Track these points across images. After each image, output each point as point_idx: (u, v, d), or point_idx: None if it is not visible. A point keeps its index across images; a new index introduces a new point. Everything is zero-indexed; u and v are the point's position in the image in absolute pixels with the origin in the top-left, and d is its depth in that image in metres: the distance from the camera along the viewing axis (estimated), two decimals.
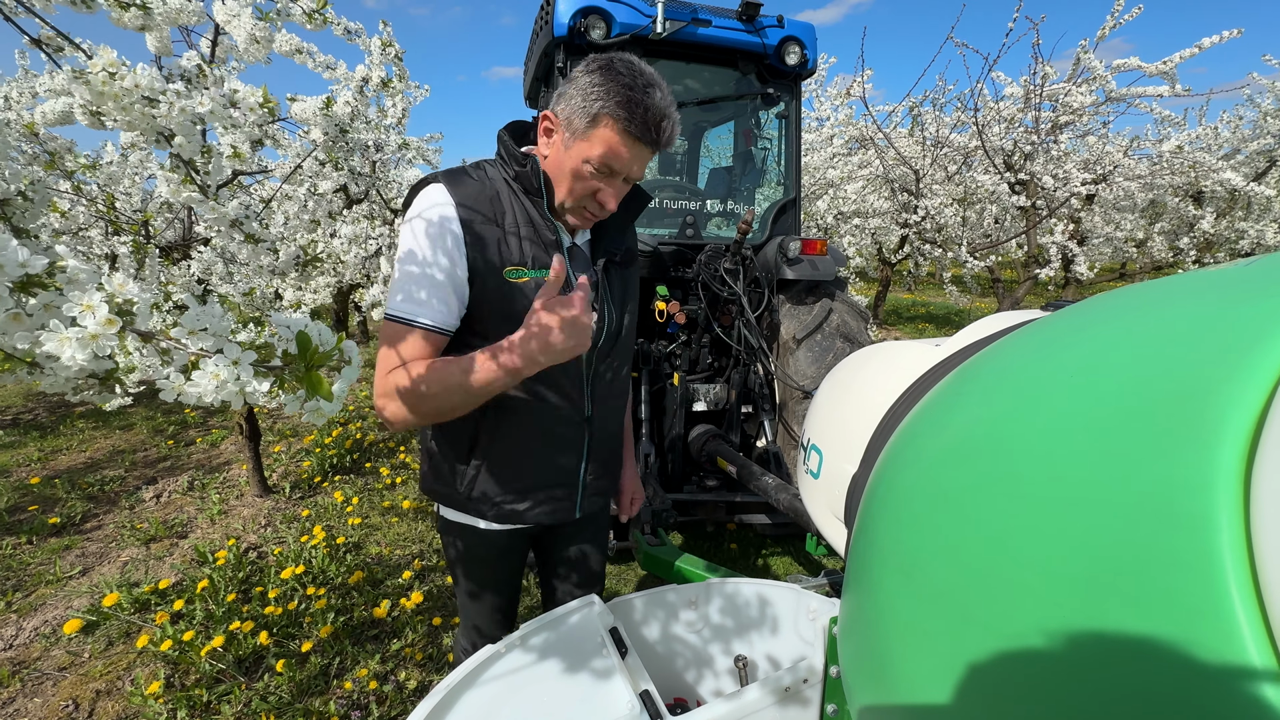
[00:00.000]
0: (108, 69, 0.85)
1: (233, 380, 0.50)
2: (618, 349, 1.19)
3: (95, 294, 0.49)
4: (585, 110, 0.96)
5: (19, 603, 2.41)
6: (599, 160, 0.98)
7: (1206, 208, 6.10)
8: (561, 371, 1.12)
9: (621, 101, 0.93)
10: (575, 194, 1.02)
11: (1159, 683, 0.41)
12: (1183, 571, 0.41)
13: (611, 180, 1.01)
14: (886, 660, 0.71)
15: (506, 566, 1.31)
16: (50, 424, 4.60)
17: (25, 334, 0.51)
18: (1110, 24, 4.75)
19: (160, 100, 0.89)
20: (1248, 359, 0.43)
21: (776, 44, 2.56)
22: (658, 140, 0.98)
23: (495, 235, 1.02)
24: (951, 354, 0.97)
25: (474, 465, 1.16)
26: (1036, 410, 0.58)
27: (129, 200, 2.89)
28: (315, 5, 1.26)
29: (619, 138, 0.96)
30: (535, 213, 1.07)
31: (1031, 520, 0.52)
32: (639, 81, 0.94)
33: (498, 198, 1.05)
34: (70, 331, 0.49)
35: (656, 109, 0.95)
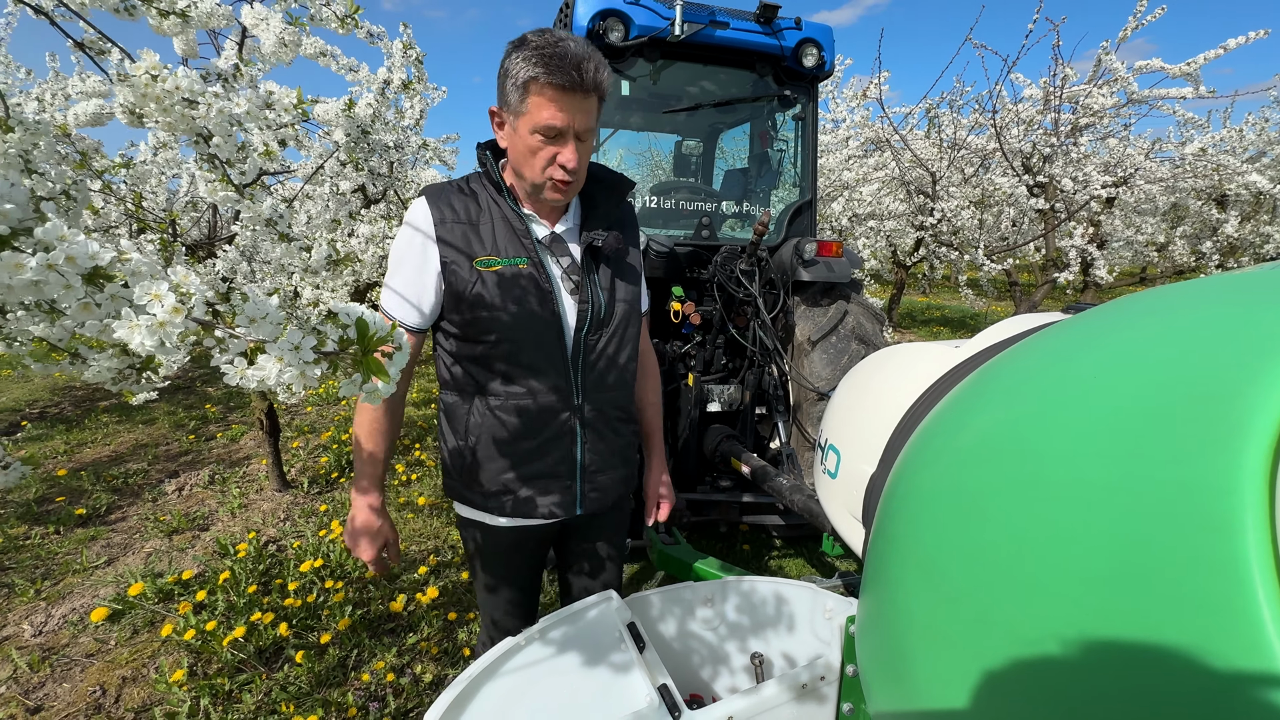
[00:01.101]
0: (150, 72, 0.88)
1: (294, 365, 0.52)
2: (609, 334, 1.20)
3: (162, 284, 0.52)
4: (515, 86, 1.02)
5: (48, 591, 2.47)
6: (543, 124, 1.02)
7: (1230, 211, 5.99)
8: (542, 353, 1.15)
9: (538, 61, 0.98)
10: (538, 166, 1.08)
11: (1183, 685, 0.41)
12: (1208, 573, 0.41)
13: (563, 140, 1.05)
14: (906, 659, 0.72)
15: (519, 563, 1.33)
16: (76, 418, 4.70)
17: (95, 323, 0.54)
18: (1132, 25, 4.68)
19: (200, 102, 0.92)
20: (1272, 362, 0.43)
21: (794, 46, 2.56)
22: (583, 81, 1.01)
23: (467, 232, 1.12)
24: (971, 355, 0.98)
25: (470, 458, 1.20)
26: (1059, 412, 0.58)
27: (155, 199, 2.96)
28: (348, 10, 1.29)
29: (549, 94, 1.01)
30: (506, 208, 1.15)
31: (1054, 521, 0.53)
32: (549, 39, 1.00)
33: (477, 200, 1.15)
34: (141, 319, 0.51)
35: (572, 55, 0.99)
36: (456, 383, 1.21)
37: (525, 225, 1.14)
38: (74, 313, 0.55)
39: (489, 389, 1.17)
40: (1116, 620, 0.46)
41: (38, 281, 0.54)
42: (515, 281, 1.11)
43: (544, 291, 1.13)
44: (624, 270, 1.23)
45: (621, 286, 1.22)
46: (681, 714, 0.89)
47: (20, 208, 0.57)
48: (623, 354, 1.24)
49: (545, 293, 1.13)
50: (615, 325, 1.21)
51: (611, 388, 1.24)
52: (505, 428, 1.17)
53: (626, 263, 1.24)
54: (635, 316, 1.26)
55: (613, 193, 1.22)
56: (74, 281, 0.54)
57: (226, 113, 0.96)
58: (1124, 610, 0.46)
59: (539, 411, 1.17)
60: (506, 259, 1.11)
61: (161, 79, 0.89)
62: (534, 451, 1.19)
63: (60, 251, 0.55)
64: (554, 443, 1.20)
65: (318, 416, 4.87)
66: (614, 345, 1.22)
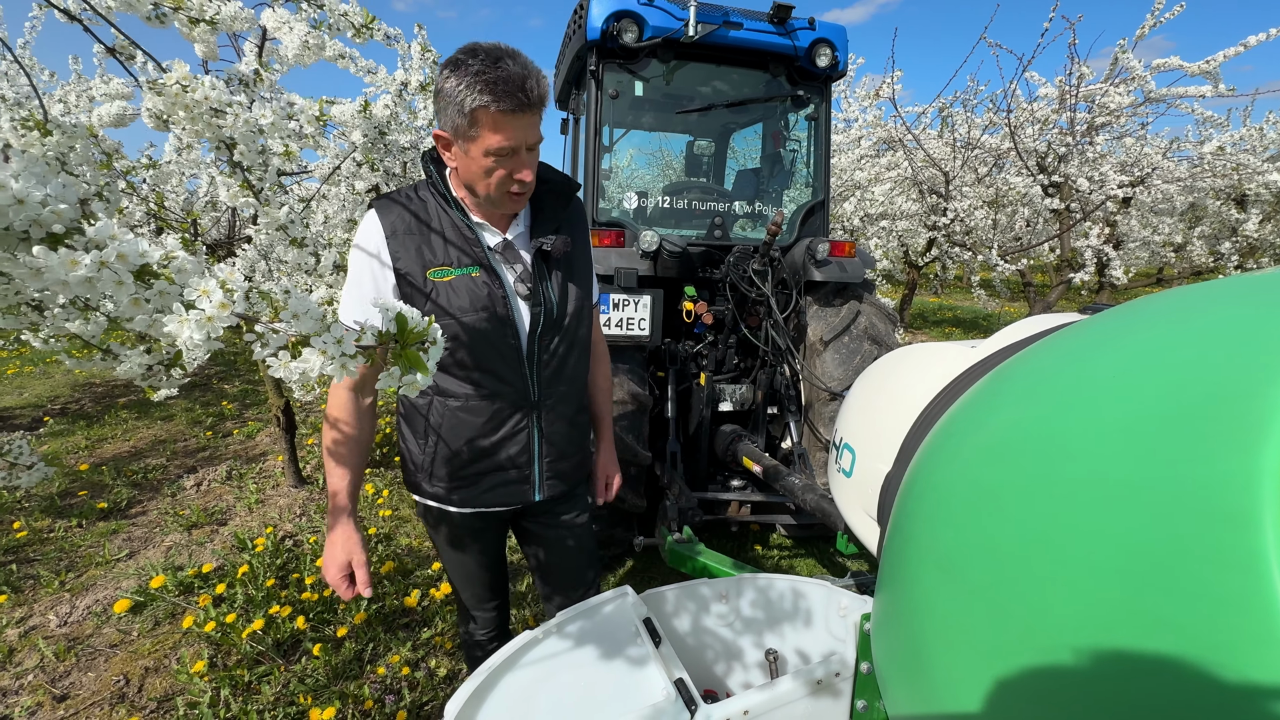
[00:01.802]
0: (181, 82, 0.91)
1: (336, 357, 0.54)
2: (562, 334, 1.24)
3: (210, 280, 0.54)
4: (460, 113, 1.02)
5: (72, 582, 2.53)
6: (496, 147, 1.04)
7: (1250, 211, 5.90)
8: (498, 355, 1.18)
9: (483, 88, 0.99)
10: (494, 185, 1.09)
11: (1202, 679, 0.42)
12: (1226, 569, 0.42)
13: (516, 158, 1.07)
14: (923, 656, 0.73)
15: (481, 549, 1.38)
16: (96, 414, 4.79)
17: (144, 317, 0.56)
18: (1150, 22, 4.63)
19: (227, 112, 0.95)
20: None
21: (807, 46, 2.56)
22: (529, 101, 1.02)
23: (418, 243, 1.14)
24: (988, 356, 0.98)
25: (429, 451, 1.24)
26: (1079, 411, 0.59)
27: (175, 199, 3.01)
28: (364, 20, 1.32)
29: (498, 119, 1.01)
30: (456, 218, 1.16)
31: (1073, 519, 0.54)
32: (488, 62, 0.99)
33: (426, 210, 1.16)
34: (190, 314, 0.53)
35: (515, 77, 1.00)
36: None
37: (475, 234, 1.16)
38: (124, 308, 0.57)
39: (447, 390, 1.21)
40: (1136, 616, 0.47)
41: (91, 278, 0.57)
42: (468, 289, 1.14)
43: (497, 298, 1.16)
44: (574, 271, 1.26)
45: (572, 287, 1.25)
46: (697, 708, 0.91)
47: (72, 208, 0.60)
48: (575, 350, 1.29)
49: (499, 299, 1.16)
50: (568, 324, 1.25)
51: (566, 382, 1.29)
52: (465, 426, 1.21)
53: (576, 263, 1.27)
54: (586, 313, 1.30)
55: (560, 195, 1.25)
56: (125, 278, 0.57)
57: (252, 123, 0.98)
58: (1143, 606, 0.46)
59: (497, 410, 1.22)
60: (459, 268, 1.14)
61: (191, 89, 0.91)
62: (493, 447, 1.24)
63: (112, 249, 0.57)
64: (512, 438, 1.25)
65: None
66: (567, 343, 1.26)
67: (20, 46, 3.48)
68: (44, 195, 0.58)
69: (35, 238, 0.59)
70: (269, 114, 1.06)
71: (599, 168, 2.62)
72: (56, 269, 0.57)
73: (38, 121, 0.96)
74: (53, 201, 0.59)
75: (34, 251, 0.56)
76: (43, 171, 0.60)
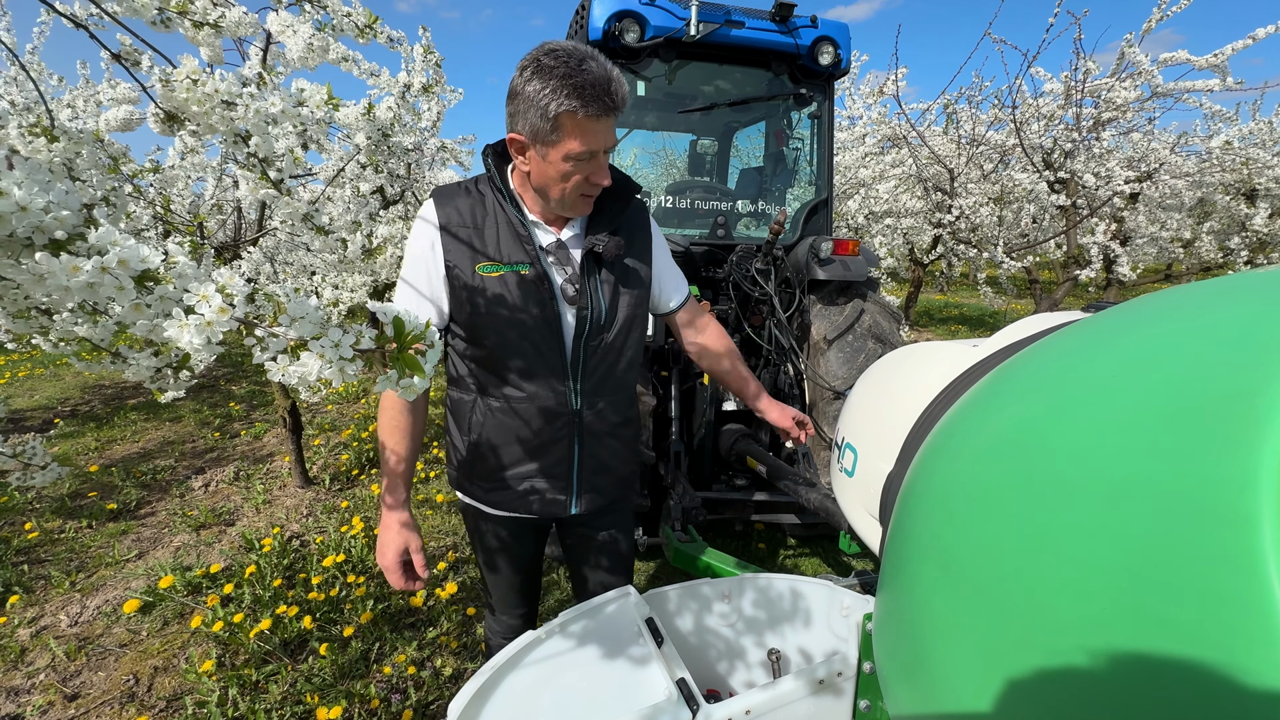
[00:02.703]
0: (191, 76, 0.92)
1: (334, 361, 0.55)
2: (610, 340, 1.20)
3: (209, 285, 0.54)
4: (543, 117, 1.00)
5: (82, 583, 2.55)
6: (577, 152, 1.03)
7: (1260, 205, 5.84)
8: (540, 358, 1.16)
9: (569, 93, 0.97)
10: (570, 190, 1.09)
11: (1200, 678, 0.42)
12: (1225, 568, 0.42)
13: (595, 162, 1.07)
14: (924, 656, 0.73)
15: (518, 553, 1.36)
16: (105, 415, 4.84)
17: (145, 322, 0.57)
18: (1157, 16, 4.59)
19: (237, 103, 0.96)
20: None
21: (810, 44, 2.56)
22: (614, 105, 1.01)
23: (471, 236, 1.13)
24: (989, 355, 0.98)
25: (470, 452, 1.23)
26: (1078, 409, 0.59)
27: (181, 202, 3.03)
28: (367, 21, 1.32)
29: (583, 124, 1.00)
30: (511, 215, 1.15)
31: (1073, 517, 0.54)
32: (571, 64, 0.98)
33: (483, 204, 1.15)
34: (190, 319, 0.54)
35: (600, 80, 0.98)
36: (461, 381, 1.23)
37: (529, 231, 1.14)
38: (125, 313, 0.58)
39: (490, 389, 1.19)
40: (1134, 616, 0.46)
41: (93, 284, 0.58)
42: (516, 287, 1.12)
43: (544, 297, 1.13)
44: (627, 275, 1.21)
45: (624, 291, 1.20)
46: (699, 708, 0.91)
47: (74, 214, 0.60)
48: (623, 359, 1.24)
49: (545, 299, 1.13)
50: (616, 331, 1.20)
51: (611, 392, 1.24)
52: (505, 428, 1.20)
53: (630, 267, 1.22)
54: (639, 321, 1.25)
55: (618, 197, 1.21)
56: (126, 284, 0.57)
57: (263, 113, 0.99)
58: (1143, 606, 0.46)
59: (537, 414, 1.19)
60: (509, 264, 1.13)
61: (201, 83, 0.92)
62: (531, 452, 1.22)
63: (114, 255, 0.58)
64: (551, 445, 1.22)
65: (338, 414, 4.95)
66: (614, 351, 1.21)
67: (30, 52, 3.51)
68: (46, 202, 0.59)
69: (38, 244, 0.60)
70: (278, 101, 1.06)
71: None
72: (59, 275, 0.57)
73: (44, 128, 0.97)
74: (55, 208, 0.60)
75: (36, 258, 0.57)
76: (46, 178, 0.60)
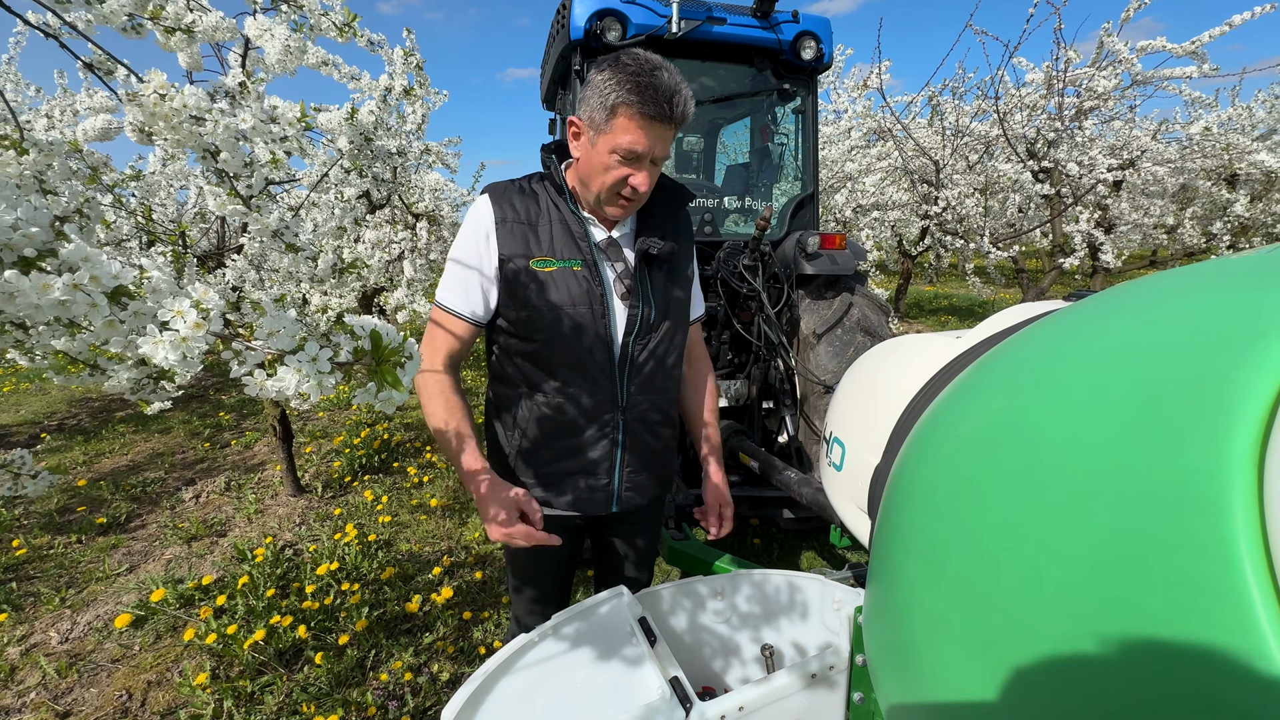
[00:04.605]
0: (159, 91, 0.90)
1: (312, 375, 0.54)
2: (657, 340, 1.22)
3: (184, 300, 0.54)
4: (602, 105, 1.03)
5: (72, 598, 2.53)
6: (625, 148, 1.04)
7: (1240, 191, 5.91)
8: (590, 355, 1.17)
9: (632, 88, 1.00)
10: (608, 185, 1.09)
11: (1175, 663, 0.43)
12: (1199, 555, 0.42)
13: (639, 164, 1.07)
14: (911, 647, 0.73)
15: (548, 555, 1.33)
16: (93, 428, 4.78)
17: (120, 339, 0.56)
18: (1135, 5, 4.63)
19: (206, 119, 0.94)
20: (1261, 347, 0.44)
21: (792, 39, 2.56)
22: (672, 115, 1.03)
23: (526, 232, 1.14)
24: (972, 346, 0.98)
25: (514, 445, 1.23)
26: (1055, 400, 0.59)
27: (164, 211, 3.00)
28: (346, 19, 1.31)
29: (636, 121, 1.02)
30: (565, 210, 1.16)
31: (1050, 508, 0.54)
32: (646, 67, 1.01)
33: (536, 201, 1.17)
34: (164, 335, 0.53)
35: (666, 87, 1.01)
36: (506, 376, 1.24)
37: (584, 228, 1.16)
38: (99, 330, 0.57)
39: (537, 385, 1.20)
40: (1112, 605, 0.47)
41: (65, 301, 0.57)
42: (569, 283, 1.13)
43: (595, 295, 1.15)
44: (676, 278, 1.24)
45: (673, 294, 1.24)
46: (693, 705, 0.91)
47: (44, 230, 0.59)
48: (669, 359, 1.26)
49: (597, 296, 1.15)
50: (664, 332, 1.23)
51: (655, 392, 1.26)
52: (550, 424, 1.20)
53: (679, 271, 1.25)
54: (683, 324, 1.28)
55: (671, 202, 1.23)
56: (99, 300, 0.57)
57: (233, 129, 0.98)
58: (1119, 593, 0.47)
59: (583, 411, 1.20)
60: (562, 260, 1.14)
61: (169, 97, 0.91)
62: (575, 449, 1.22)
63: (85, 272, 0.57)
64: (595, 442, 1.23)
65: (329, 421, 4.92)
66: (660, 351, 1.23)
67: (5, 63, 3.46)
68: (14, 219, 0.58)
69: (6, 261, 0.59)
70: (249, 118, 1.05)
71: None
72: (29, 293, 0.57)
73: (13, 140, 0.96)
74: (24, 224, 0.59)
75: (5, 276, 0.56)
76: (13, 194, 0.59)
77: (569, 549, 1.37)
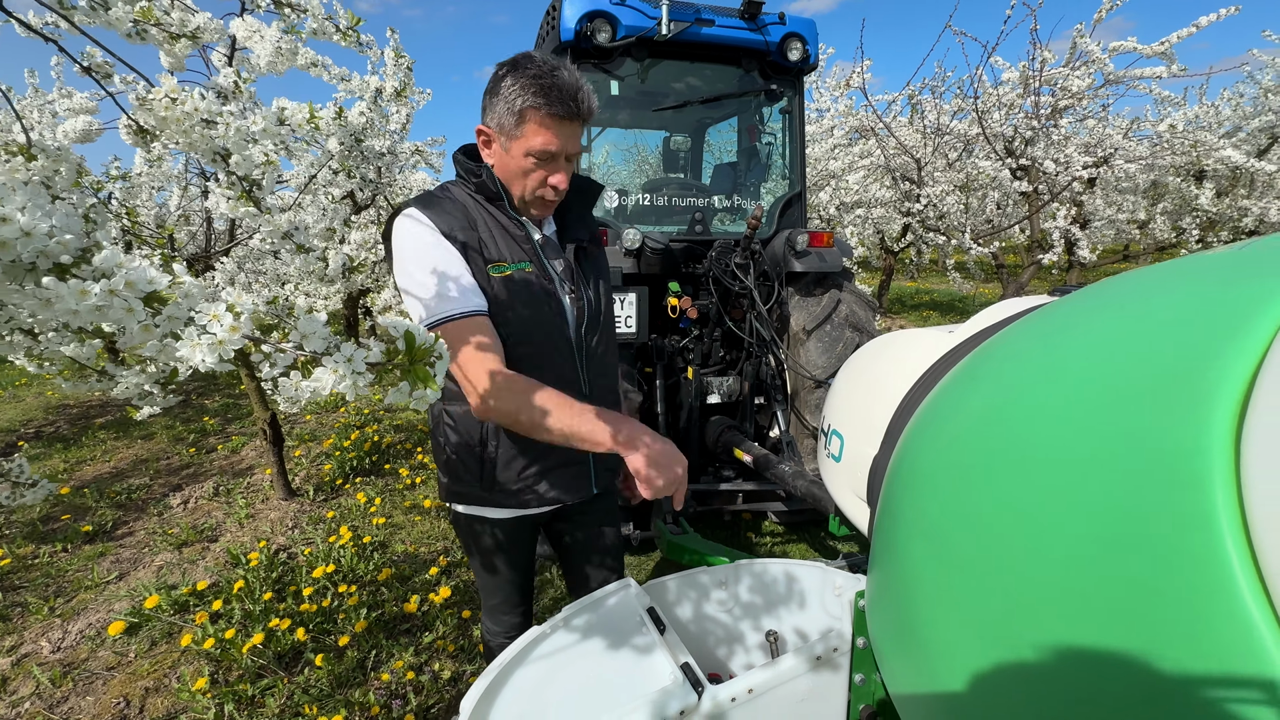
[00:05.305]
0: (170, 95, 0.91)
1: (348, 375, 0.56)
2: (602, 327, 1.29)
3: (219, 305, 0.56)
4: (510, 111, 1.05)
5: (61, 608, 2.49)
6: (538, 149, 1.07)
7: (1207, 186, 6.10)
8: (554, 349, 1.22)
9: (537, 91, 1.02)
10: (529, 187, 1.13)
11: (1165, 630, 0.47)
12: (1184, 528, 0.47)
13: (554, 164, 1.11)
14: (915, 625, 0.77)
15: (516, 553, 1.40)
16: (73, 436, 4.68)
17: (155, 343, 0.57)
18: (1107, 6, 4.76)
19: (217, 122, 0.95)
20: (1236, 337, 0.48)
21: (778, 41, 2.61)
22: (578, 112, 1.06)
23: (475, 240, 1.14)
24: (964, 340, 1.03)
25: (489, 457, 1.24)
26: (1048, 389, 0.64)
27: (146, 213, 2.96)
28: (350, 23, 1.32)
29: (546, 123, 1.05)
30: (501, 215, 1.18)
31: (1046, 489, 0.58)
32: (545, 69, 1.03)
33: (467, 210, 1.16)
34: (203, 339, 0.55)
35: (569, 85, 1.03)
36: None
37: (524, 230, 1.19)
38: (135, 334, 0.59)
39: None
40: (1106, 575, 0.51)
41: (101, 306, 0.58)
42: (524, 284, 1.16)
43: (548, 292, 1.19)
44: (601, 267, 1.32)
45: (602, 285, 1.31)
46: (704, 689, 0.94)
47: (77, 238, 0.61)
48: (610, 345, 1.35)
49: (550, 293, 1.19)
50: (604, 319, 1.30)
51: (608, 375, 1.35)
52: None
53: (600, 262, 1.33)
54: (611, 311, 1.36)
55: (584, 198, 1.28)
56: (135, 305, 0.58)
57: (244, 131, 0.99)
58: (1112, 565, 0.51)
59: None
60: (514, 263, 1.16)
61: (180, 101, 0.92)
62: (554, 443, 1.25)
63: (120, 277, 0.59)
64: None
65: (317, 424, 4.88)
66: (605, 337, 1.31)
67: None
68: (50, 226, 0.59)
69: (42, 268, 0.60)
70: (260, 120, 1.06)
71: (578, 168, 2.64)
72: (68, 299, 0.58)
73: (21, 146, 0.96)
74: (59, 232, 0.60)
75: (45, 283, 0.58)
76: (46, 202, 0.60)
77: (528, 547, 1.43)
